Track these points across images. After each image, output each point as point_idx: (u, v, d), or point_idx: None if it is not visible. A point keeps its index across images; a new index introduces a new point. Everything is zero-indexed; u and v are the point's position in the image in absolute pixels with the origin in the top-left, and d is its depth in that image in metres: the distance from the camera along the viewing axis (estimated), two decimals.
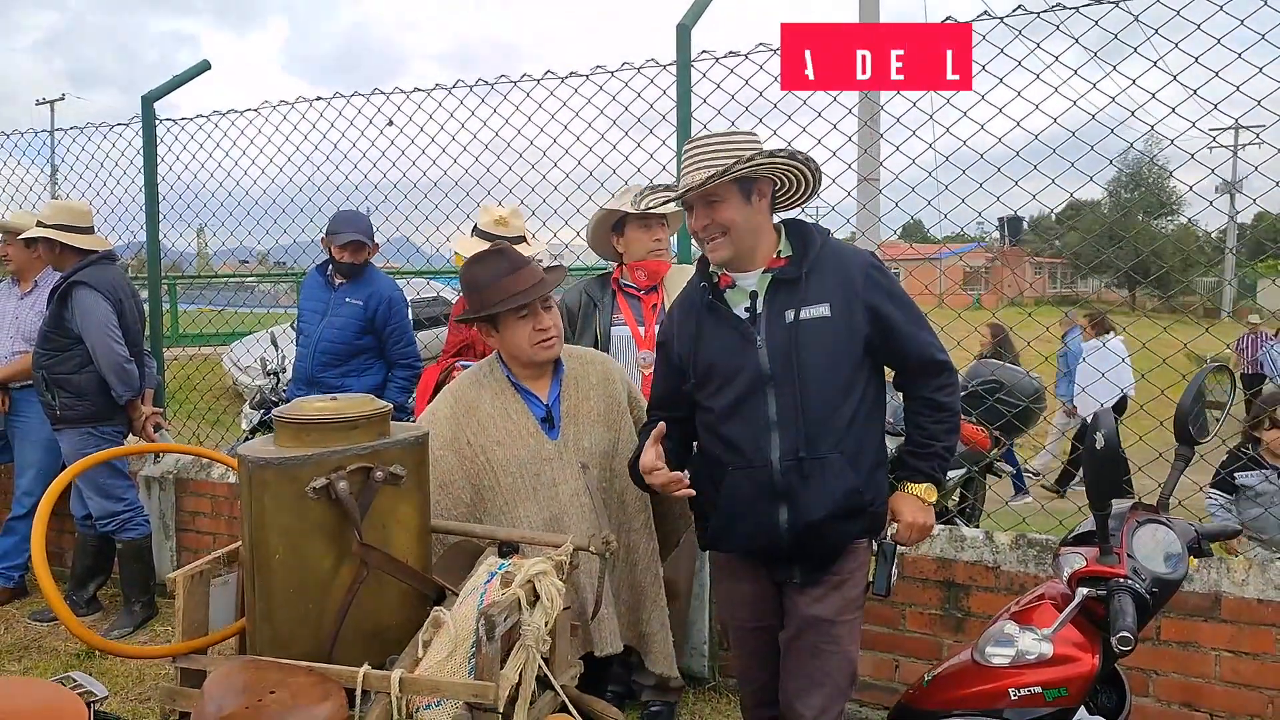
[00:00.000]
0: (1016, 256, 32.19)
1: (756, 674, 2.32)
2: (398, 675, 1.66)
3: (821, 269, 2.04)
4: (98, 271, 4.03)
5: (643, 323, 3.12)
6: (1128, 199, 36.79)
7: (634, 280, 3.18)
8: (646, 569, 2.44)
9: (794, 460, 2.01)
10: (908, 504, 2.13)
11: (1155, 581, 1.74)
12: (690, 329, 2.16)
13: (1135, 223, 33.83)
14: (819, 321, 2.01)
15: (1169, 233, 34.28)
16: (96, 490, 4.19)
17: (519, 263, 2.38)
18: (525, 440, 2.30)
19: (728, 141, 2.02)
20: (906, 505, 2.13)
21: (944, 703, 2.01)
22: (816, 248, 2.07)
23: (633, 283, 3.18)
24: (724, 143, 2.02)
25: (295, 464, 1.76)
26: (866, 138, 4.30)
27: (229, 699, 1.58)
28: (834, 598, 2.11)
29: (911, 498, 2.13)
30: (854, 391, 2.04)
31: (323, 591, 1.80)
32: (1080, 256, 29.03)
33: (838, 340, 2.02)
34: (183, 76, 4.80)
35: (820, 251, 2.07)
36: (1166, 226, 36.44)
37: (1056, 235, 38.87)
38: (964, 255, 23.53)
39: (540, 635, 1.76)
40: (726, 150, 2.01)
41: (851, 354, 2.03)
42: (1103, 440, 1.62)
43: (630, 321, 3.12)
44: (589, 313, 3.16)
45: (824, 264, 2.05)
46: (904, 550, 3.13)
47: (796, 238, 2.11)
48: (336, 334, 3.83)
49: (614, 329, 3.11)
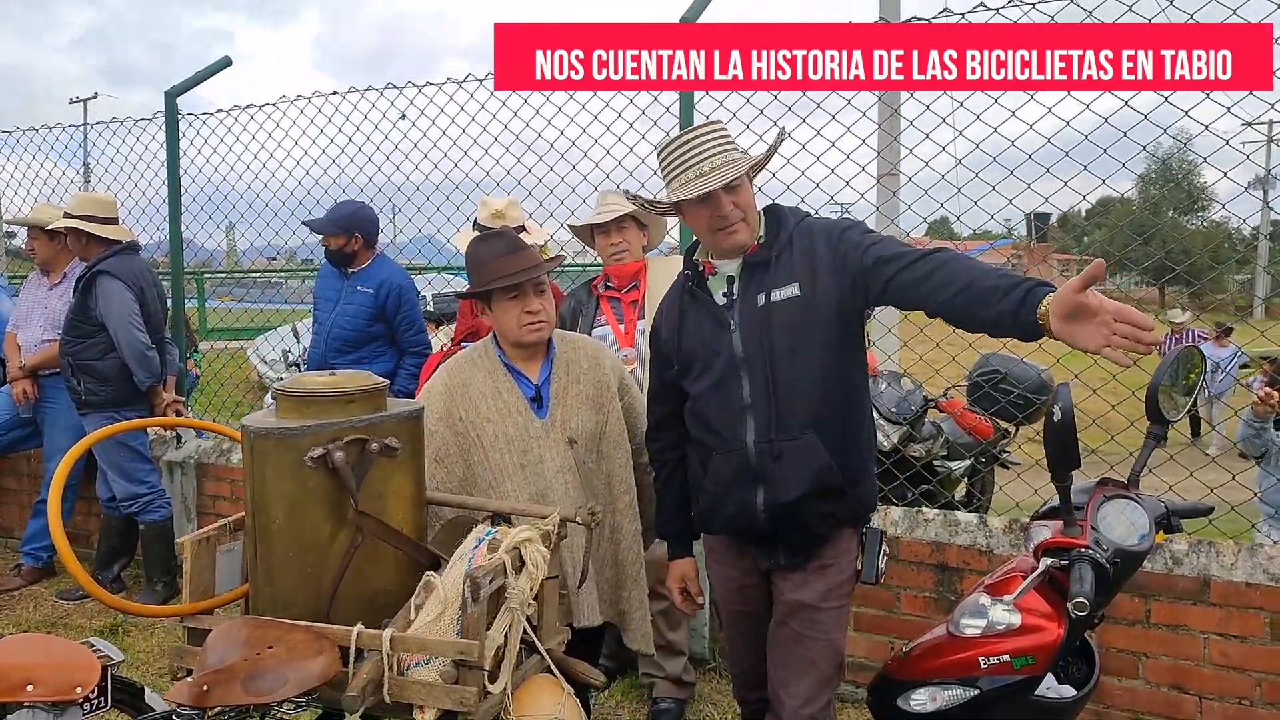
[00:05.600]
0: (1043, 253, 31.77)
1: (745, 657, 2.37)
2: (388, 634, 1.75)
3: (791, 250, 2.09)
4: (121, 261, 4.18)
5: (623, 320, 3.27)
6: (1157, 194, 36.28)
7: (610, 282, 3.38)
8: (629, 548, 2.51)
9: (767, 442, 2.05)
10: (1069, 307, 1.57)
11: (1117, 553, 1.80)
12: (674, 318, 2.24)
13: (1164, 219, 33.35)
14: (789, 302, 2.05)
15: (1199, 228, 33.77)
16: (120, 473, 4.35)
17: (517, 246, 2.47)
18: (514, 418, 2.39)
19: (718, 133, 2.10)
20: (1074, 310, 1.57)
21: (921, 672, 2.07)
22: (789, 230, 2.12)
23: (611, 284, 3.37)
24: (716, 135, 2.09)
25: (294, 434, 1.85)
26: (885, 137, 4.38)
27: (230, 651, 1.68)
28: (818, 583, 2.14)
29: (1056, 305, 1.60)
30: (828, 371, 2.04)
31: (321, 556, 1.89)
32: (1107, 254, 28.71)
33: (809, 319, 2.04)
34: (204, 73, 4.95)
35: (791, 233, 2.11)
36: (1197, 223, 35.89)
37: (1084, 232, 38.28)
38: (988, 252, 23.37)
39: (525, 599, 1.84)
40: (723, 141, 2.09)
41: (825, 332, 2.04)
42: (1060, 414, 1.67)
43: (611, 321, 3.31)
44: (576, 317, 3.36)
45: (793, 245, 2.09)
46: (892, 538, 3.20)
47: (771, 221, 2.16)
48: (349, 321, 3.94)
49: (596, 329, 3.29)
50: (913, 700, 2.04)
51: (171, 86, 4.93)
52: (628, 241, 3.37)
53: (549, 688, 1.85)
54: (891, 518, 3.39)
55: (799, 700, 2.14)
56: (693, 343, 2.18)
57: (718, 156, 2.05)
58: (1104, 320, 1.51)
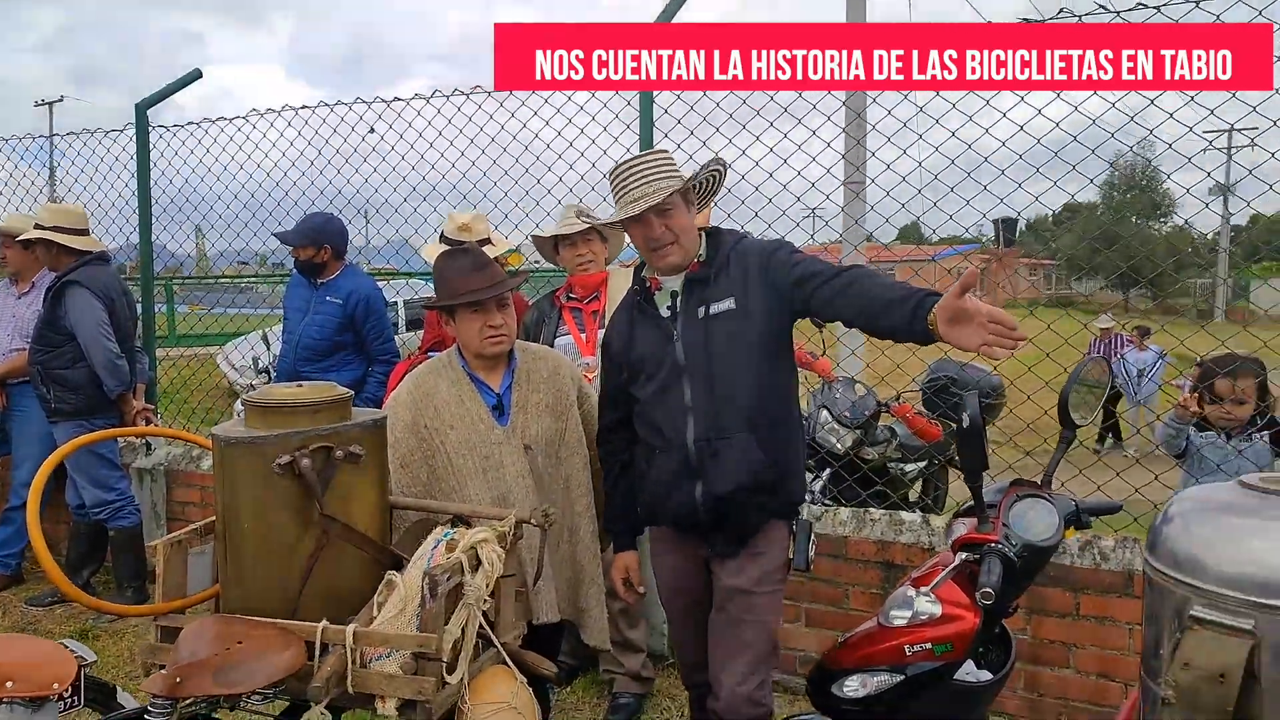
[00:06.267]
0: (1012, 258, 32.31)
1: (689, 641, 2.54)
2: (351, 629, 1.87)
3: (728, 267, 2.29)
4: (91, 272, 4.25)
5: (584, 330, 3.40)
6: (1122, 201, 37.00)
7: (574, 293, 3.50)
8: (587, 549, 2.65)
9: (705, 441, 2.25)
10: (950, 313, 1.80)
11: (1025, 547, 1.96)
12: (625, 330, 2.43)
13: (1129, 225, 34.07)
14: (726, 314, 2.25)
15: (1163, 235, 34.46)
16: (90, 480, 4.40)
17: (482, 263, 2.60)
18: (476, 425, 2.51)
19: (658, 161, 2.28)
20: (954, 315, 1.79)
21: (853, 660, 2.22)
22: (726, 249, 2.32)
23: (574, 295, 3.47)
24: (657, 162, 2.28)
25: (262, 442, 1.96)
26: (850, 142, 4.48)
27: (202, 647, 1.78)
28: (752, 570, 2.31)
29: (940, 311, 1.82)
30: (761, 377, 2.25)
31: (288, 558, 2.00)
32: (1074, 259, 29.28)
33: (744, 330, 2.24)
34: (175, 85, 5.03)
35: (729, 252, 2.31)
36: (1161, 229, 36.62)
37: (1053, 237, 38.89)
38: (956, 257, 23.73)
39: (481, 595, 1.97)
40: (662, 167, 2.27)
41: (758, 342, 2.25)
42: (968, 420, 1.83)
43: (573, 330, 3.44)
44: (539, 327, 3.48)
45: (730, 263, 2.29)
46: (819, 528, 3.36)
47: (711, 243, 2.36)
48: (317, 331, 4.04)
49: (558, 339, 3.43)
50: (846, 686, 2.19)
51: (142, 99, 5.00)
52: (593, 252, 3.50)
53: (504, 678, 1.98)
54: (840, 518, 3.55)
55: (736, 678, 2.30)
56: (641, 352, 2.37)
57: (656, 182, 2.23)
58: (981, 322, 1.74)
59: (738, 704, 2.30)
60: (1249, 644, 0.89)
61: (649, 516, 2.47)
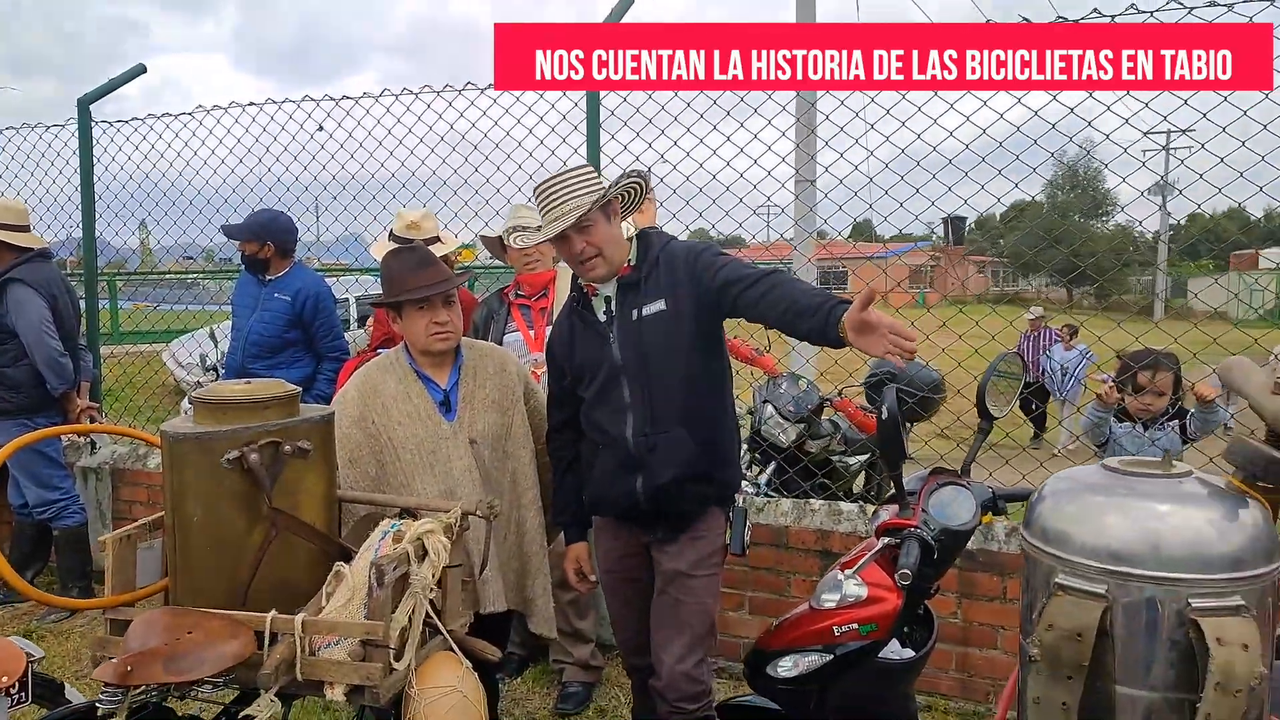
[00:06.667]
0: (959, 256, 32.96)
1: (629, 624, 2.63)
2: (300, 618, 1.92)
3: (657, 271, 2.40)
4: (33, 269, 4.21)
5: (533, 327, 3.48)
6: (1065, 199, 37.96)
7: (522, 290, 3.57)
8: (533, 540, 2.73)
9: (644, 436, 2.37)
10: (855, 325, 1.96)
11: (943, 531, 2.08)
12: (566, 336, 2.54)
13: (1072, 223, 34.98)
14: (657, 316, 2.37)
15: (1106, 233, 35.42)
16: (33, 479, 4.36)
17: (428, 261, 2.66)
18: (424, 421, 2.58)
19: (579, 177, 2.38)
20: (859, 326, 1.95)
21: (786, 641, 2.33)
22: (655, 252, 2.42)
23: (523, 292, 3.54)
24: (576, 179, 2.37)
25: (211, 438, 2.01)
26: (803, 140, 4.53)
27: (152, 637, 1.83)
28: (689, 553, 2.43)
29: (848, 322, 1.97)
30: (694, 374, 2.38)
31: (237, 550, 2.05)
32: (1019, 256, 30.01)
33: (674, 330, 2.36)
34: (118, 80, 4.98)
35: (658, 256, 2.42)
36: (1104, 227, 37.64)
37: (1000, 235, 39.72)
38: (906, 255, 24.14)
39: (427, 584, 2.04)
40: (582, 184, 2.36)
41: (689, 342, 2.37)
42: (886, 413, 1.95)
43: (522, 327, 3.52)
44: (488, 324, 3.56)
45: (659, 266, 2.41)
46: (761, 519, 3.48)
47: (641, 246, 2.46)
48: (265, 327, 4.05)
49: (507, 336, 3.50)
50: (779, 667, 2.30)
51: (84, 94, 4.93)
52: (540, 252, 3.57)
53: (449, 663, 2.05)
54: (782, 508, 3.68)
55: (675, 658, 2.41)
56: (582, 356, 2.49)
57: (572, 200, 2.33)
58: (882, 333, 1.91)
59: (677, 681, 2.41)
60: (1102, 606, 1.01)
61: (593, 508, 2.58)
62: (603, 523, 2.63)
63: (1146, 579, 1.01)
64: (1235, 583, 1.00)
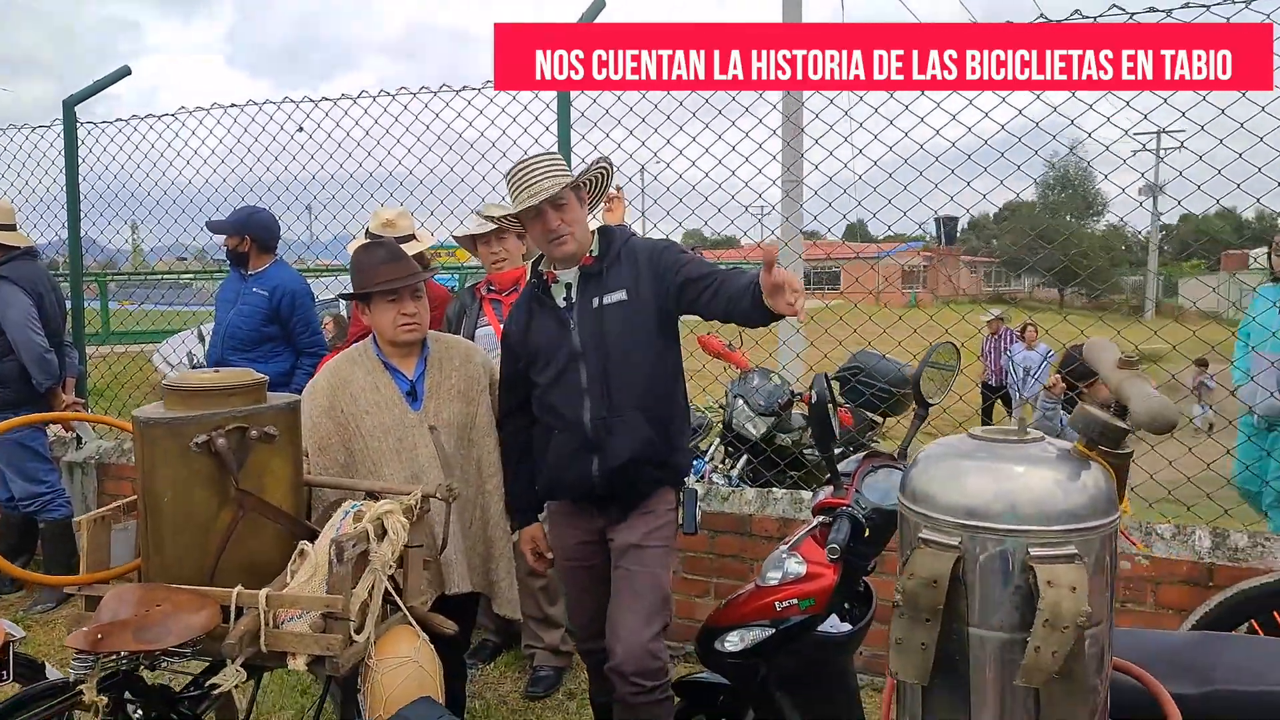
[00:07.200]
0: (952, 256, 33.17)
1: (585, 608, 2.73)
2: (264, 592, 2.03)
3: (619, 263, 2.52)
4: (19, 267, 4.31)
5: (504, 320, 3.60)
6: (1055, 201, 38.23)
7: (494, 286, 3.68)
8: (497, 525, 2.84)
9: (601, 419, 2.47)
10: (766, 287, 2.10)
11: (875, 510, 2.20)
12: (523, 320, 2.64)
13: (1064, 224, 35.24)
14: (618, 305, 2.48)
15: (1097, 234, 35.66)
16: (19, 473, 4.46)
17: (396, 255, 2.78)
18: (391, 410, 2.69)
19: (551, 160, 2.49)
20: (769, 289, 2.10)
21: (733, 618, 2.44)
22: (617, 246, 2.54)
23: (494, 288, 3.66)
24: (549, 161, 2.49)
25: (181, 423, 2.12)
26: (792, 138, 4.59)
27: (122, 609, 1.94)
28: (641, 526, 2.53)
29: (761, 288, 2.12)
30: (650, 361, 2.49)
31: (205, 530, 2.16)
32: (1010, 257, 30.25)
33: (634, 319, 2.47)
34: (103, 82, 5.07)
35: (620, 248, 2.54)
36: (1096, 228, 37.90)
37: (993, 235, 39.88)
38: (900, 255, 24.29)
39: (386, 562, 2.15)
40: (554, 166, 2.48)
41: (647, 330, 2.48)
42: (815, 397, 2.07)
43: (493, 321, 3.63)
44: (461, 318, 3.65)
45: (621, 259, 2.52)
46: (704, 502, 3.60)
47: (603, 240, 2.58)
48: (244, 321, 4.16)
49: (479, 329, 3.61)
50: (726, 642, 2.41)
51: (70, 95, 5.03)
52: (507, 250, 3.68)
53: (407, 636, 2.16)
54: (746, 497, 3.79)
55: (629, 630, 2.48)
56: (538, 340, 2.58)
57: (549, 179, 2.45)
58: (782, 290, 2.05)
59: (637, 652, 2.46)
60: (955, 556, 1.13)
61: (548, 492, 2.68)
62: (558, 511, 2.71)
63: (994, 531, 1.13)
64: (1069, 534, 1.12)
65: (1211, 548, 3.06)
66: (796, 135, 4.46)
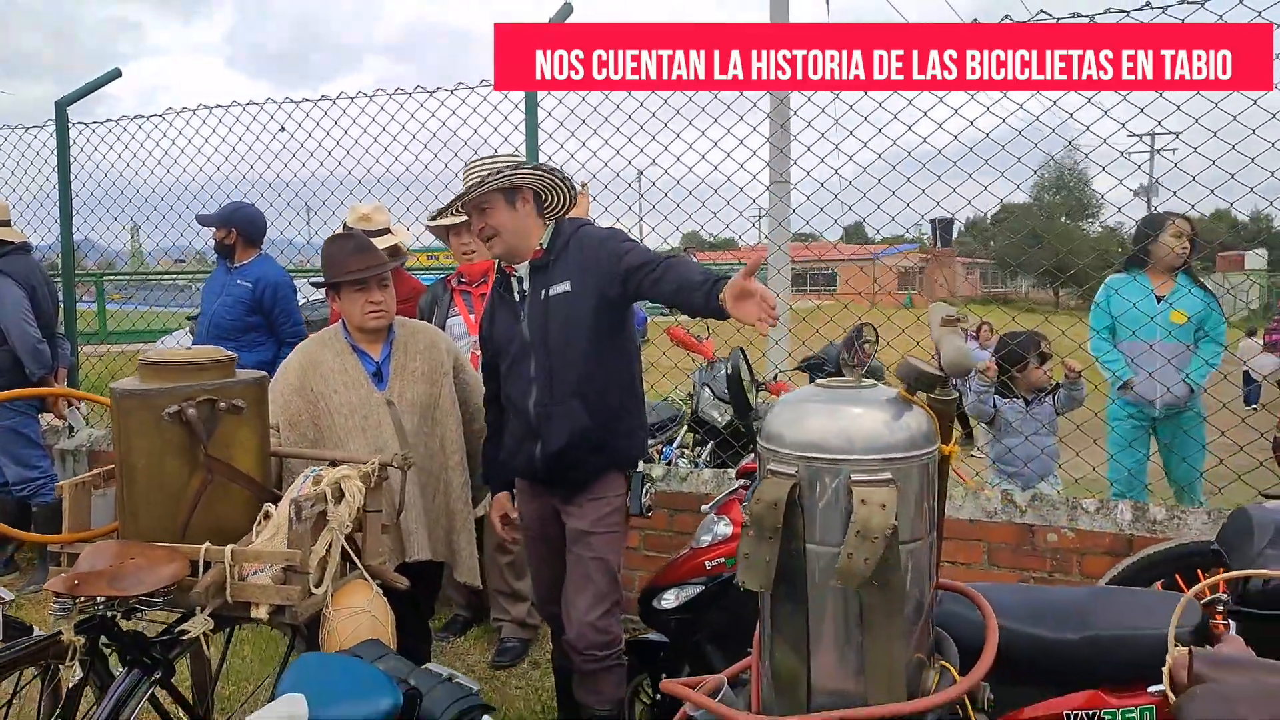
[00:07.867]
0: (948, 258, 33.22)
1: (544, 575, 2.90)
2: (230, 548, 2.22)
3: (566, 255, 2.63)
4: (12, 261, 4.50)
5: (473, 311, 3.79)
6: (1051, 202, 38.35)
7: (464, 278, 3.86)
8: (458, 498, 3.04)
9: (542, 407, 2.61)
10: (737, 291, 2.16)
11: None
12: (490, 313, 2.82)
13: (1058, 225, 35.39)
14: (562, 296, 2.59)
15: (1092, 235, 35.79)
16: (12, 459, 4.65)
17: (364, 247, 2.98)
18: (357, 389, 2.88)
19: (492, 161, 2.64)
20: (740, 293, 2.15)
21: (672, 578, 2.65)
22: (565, 237, 2.65)
23: (464, 279, 3.83)
24: (490, 162, 2.63)
25: (154, 395, 2.30)
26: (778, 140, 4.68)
27: (99, 561, 2.12)
28: (590, 512, 2.67)
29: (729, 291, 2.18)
30: (592, 352, 2.58)
31: (177, 496, 2.34)
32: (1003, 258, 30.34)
33: (578, 310, 2.57)
34: (94, 83, 5.27)
35: (567, 241, 2.64)
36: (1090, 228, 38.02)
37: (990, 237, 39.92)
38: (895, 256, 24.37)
39: (343, 522, 2.33)
40: (484, 169, 2.60)
41: (591, 320, 2.57)
42: (730, 368, 2.27)
43: (463, 312, 3.81)
44: (433, 308, 3.84)
45: (568, 250, 2.63)
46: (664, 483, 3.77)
47: (553, 232, 2.69)
48: (227, 311, 4.37)
49: (450, 320, 3.79)
50: (663, 600, 2.61)
51: (62, 96, 5.23)
52: (477, 242, 3.87)
53: (362, 589, 2.35)
54: (703, 478, 3.98)
55: (581, 611, 2.64)
56: (499, 332, 2.76)
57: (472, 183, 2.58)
58: (757, 300, 2.12)
59: (585, 631, 2.63)
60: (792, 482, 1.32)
61: (507, 470, 2.85)
62: (521, 486, 2.87)
63: (824, 460, 1.33)
64: (885, 462, 1.32)
65: (1132, 520, 3.25)
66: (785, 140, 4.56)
